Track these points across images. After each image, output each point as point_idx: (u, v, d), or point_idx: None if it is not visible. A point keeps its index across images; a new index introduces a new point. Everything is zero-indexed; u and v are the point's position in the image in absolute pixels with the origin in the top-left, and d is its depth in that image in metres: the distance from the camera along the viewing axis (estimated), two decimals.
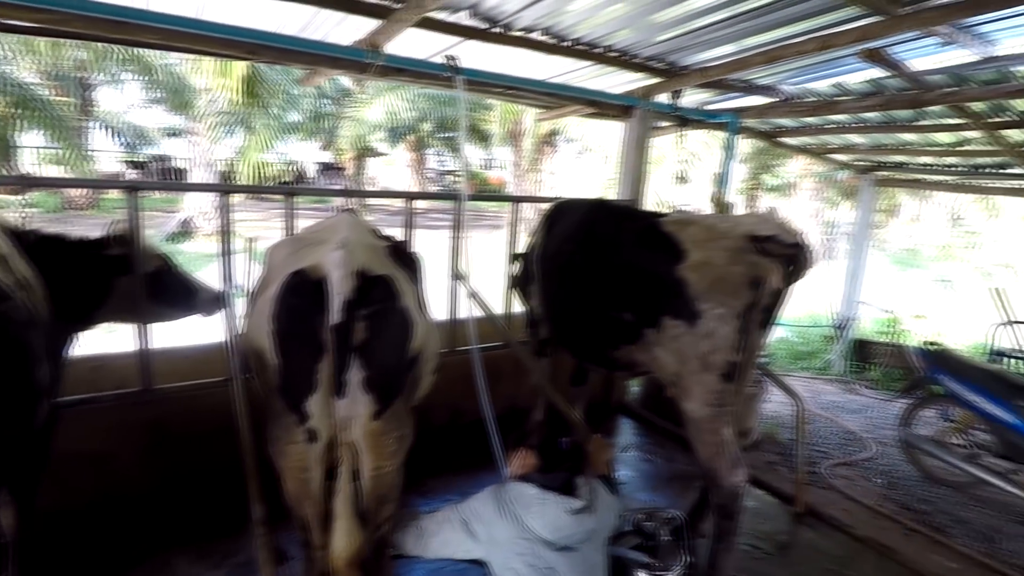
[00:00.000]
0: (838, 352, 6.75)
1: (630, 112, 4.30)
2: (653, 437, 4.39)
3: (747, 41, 3.39)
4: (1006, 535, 3.49)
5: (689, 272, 2.45)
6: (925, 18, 2.58)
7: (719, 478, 2.53)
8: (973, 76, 3.34)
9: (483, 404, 2.98)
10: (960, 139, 4.69)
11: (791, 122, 4.99)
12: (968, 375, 3.80)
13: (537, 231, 3.46)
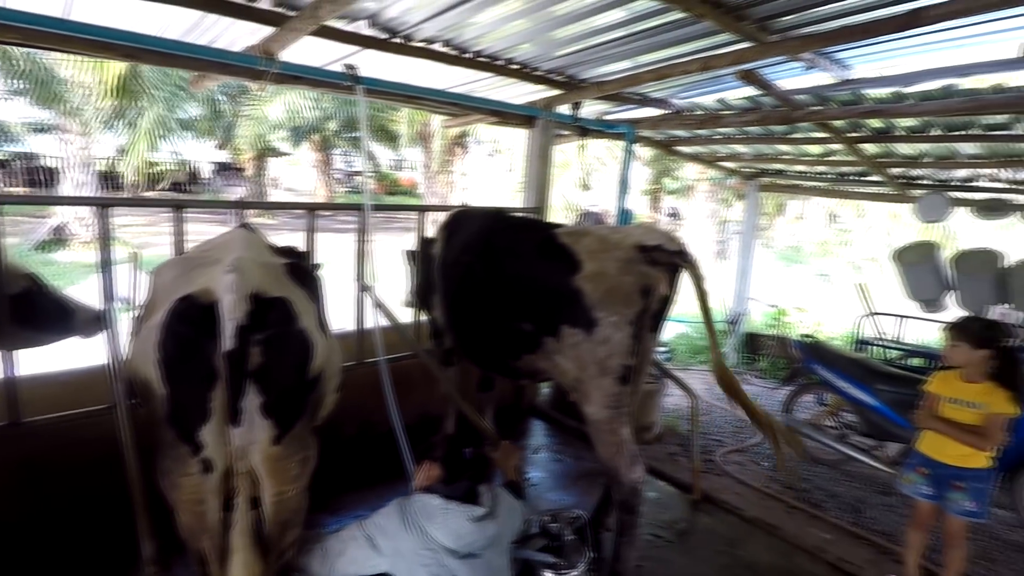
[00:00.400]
0: (731, 345, 7.25)
1: (533, 122, 4.42)
2: (563, 437, 4.54)
3: (640, 58, 3.59)
4: (870, 505, 3.91)
5: (585, 282, 2.56)
6: (790, 46, 2.86)
7: (620, 475, 2.67)
8: (834, 96, 3.72)
9: (392, 415, 2.97)
10: (827, 150, 5.19)
11: (683, 132, 5.32)
12: (836, 363, 4.22)
13: (436, 241, 3.46)
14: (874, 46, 3.13)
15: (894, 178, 5.53)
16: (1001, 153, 4.33)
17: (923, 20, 2.39)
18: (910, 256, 5.62)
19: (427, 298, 3.56)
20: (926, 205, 5.26)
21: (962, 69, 3.16)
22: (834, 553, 3.26)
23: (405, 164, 24.78)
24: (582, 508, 3.18)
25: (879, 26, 2.54)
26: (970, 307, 5.21)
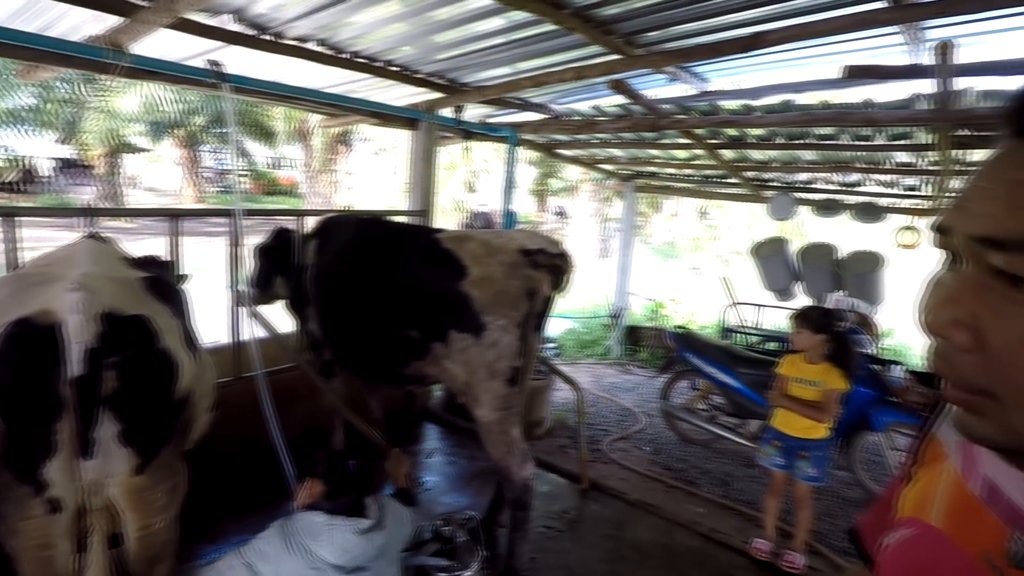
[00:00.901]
0: (615, 338, 7.65)
1: (416, 124, 4.39)
2: (456, 439, 4.56)
3: (519, 65, 3.68)
4: (737, 478, 4.31)
5: (473, 287, 2.60)
6: (653, 60, 3.07)
7: (511, 474, 2.74)
8: (695, 107, 4.04)
9: (273, 431, 2.84)
10: (692, 155, 5.64)
11: (563, 136, 5.52)
12: (705, 351, 4.61)
13: (307, 249, 3.31)
14: (726, 63, 3.44)
15: (749, 180, 6.12)
16: (832, 160, 4.93)
17: (764, 43, 2.67)
18: (764, 250, 6.24)
19: (300, 310, 3.38)
20: (776, 205, 5.87)
21: (797, 86, 3.57)
22: (707, 525, 3.56)
23: (284, 162, 23.51)
24: (477, 508, 3.24)
25: (728, 46, 2.80)
26: (813, 295, 5.89)
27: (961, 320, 0.44)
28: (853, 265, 5.68)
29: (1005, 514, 0.51)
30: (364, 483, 2.11)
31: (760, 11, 2.67)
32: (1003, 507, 0.52)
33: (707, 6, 2.64)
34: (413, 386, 3.26)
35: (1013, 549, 0.48)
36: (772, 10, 2.65)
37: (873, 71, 2.89)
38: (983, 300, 0.43)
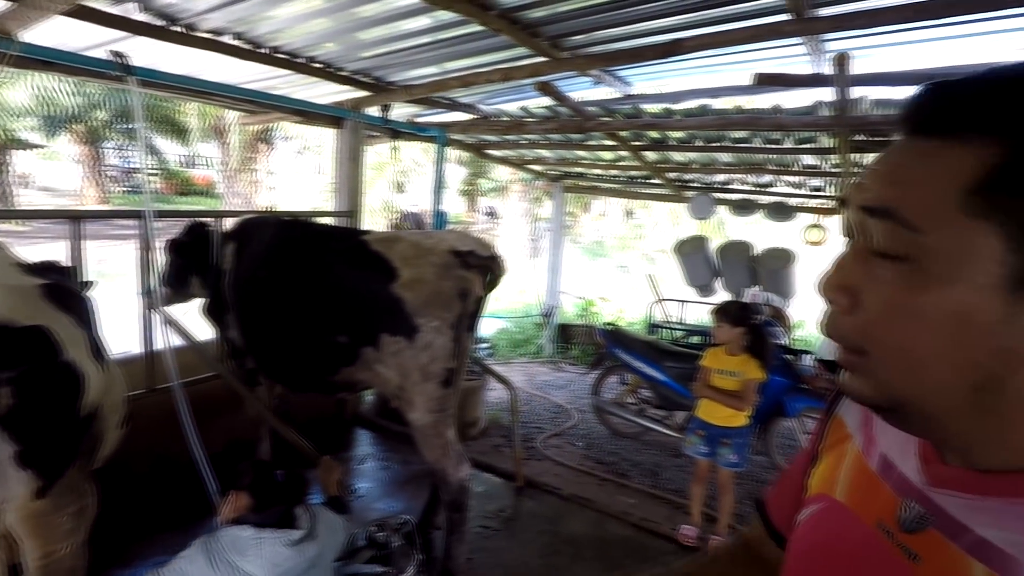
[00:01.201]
0: (547, 337, 7.76)
1: (341, 122, 4.28)
2: (390, 443, 4.48)
3: (447, 65, 3.66)
4: (665, 468, 4.48)
5: (404, 290, 2.56)
6: (578, 63, 3.14)
7: (447, 476, 2.73)
8: (619, 109, 4.17)
9: (192, 445, 2.69)
10: (617, 156, 5.80)
11: (492, 137, 5.54)
12: (633, 346, 4.76)
13: (224, 253, 3.15)
14: (648, 67, 3.56)
15: (671, 181, 6.37)
16: (746, 162, 5.21)
17: (682, 49, 2.79)
18: (686, 248, 6.52)
19: (219, 316, 3.21)
20: (696, 204, 6.15)
21: (714, 91, 3.75)
22: (638, 515, 3.68)
23: (198, 161, 22.25)
24: (412, 512, 3.20)
25: (649, 51, 2.91)
26: (732, 290, 6.21)
27: (844, 285, 0.50)
28: (767, 261, 6.03)
29: (897, 485, 0.56)
30: (294, 493, 2.04)
31: (678, 19, 2.78)
32: (895, 479, 0.56)
33: (629, 12, 2.73)
34: (344, 393, 3.17)
35: (903, 516, 0.53)
36: (689, 18, 2.77)
37: (780, 79, 3.08)
38: (863, 267, 0.49)
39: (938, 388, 0.46)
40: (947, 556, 0.48)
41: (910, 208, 0.44)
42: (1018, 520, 0.45)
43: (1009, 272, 0.41)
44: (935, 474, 0.52)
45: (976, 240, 0.42)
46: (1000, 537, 0.45)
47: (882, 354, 0.48)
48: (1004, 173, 0.41)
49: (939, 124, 0.45)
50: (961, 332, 0.43)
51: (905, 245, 0.45)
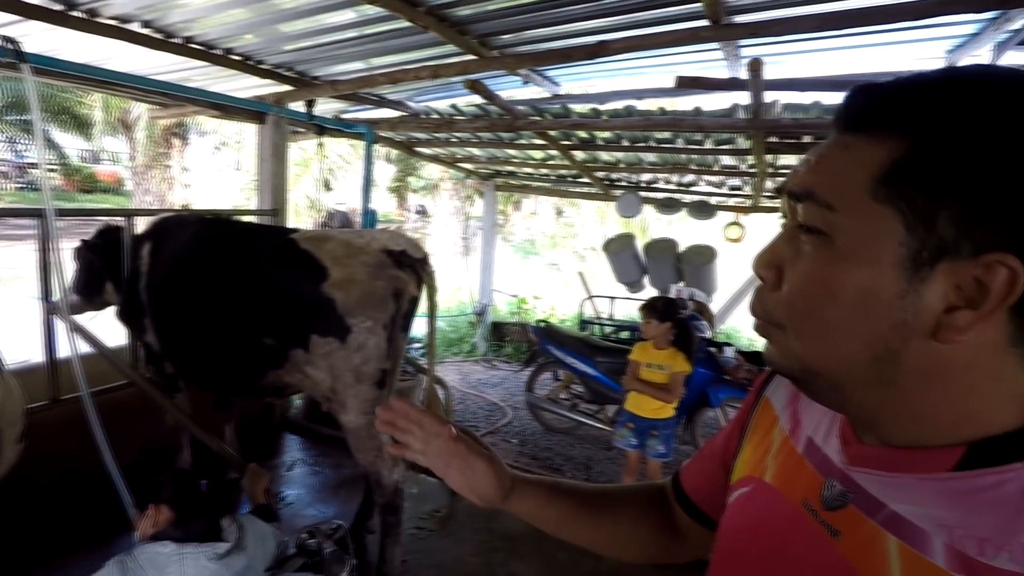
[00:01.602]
0: (480, 335, 7.77)
1: (263, 117, 4.11)
2: (321, 448, 4.35)
3: (374, 61, 3.59)
4: (597, 461, 4.59)
5: (335, 290, 2.49)
6: (507, 62, 3.16)
7: (381, 478, 2.68)
8: (548, 109, 4.22)
9: (105, 457, 2.51)
10: (547, 155, 5.88)
11: (422, 134, 5.48)
12: (565, 343, 4.84)
13: (140, 253, 2.97)
14: (576, 68, 3.64)
15: (600, 180, 6.52)
16: (670, 161, 5.42)
17: (608, 50, 2.86)
18: (614, 246, 6.70)
19: (135, 320, 3.02)
20: (623, 203, 6.32)
21: (638, 93, 3.87)
22: None
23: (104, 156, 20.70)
24: (346, 517, 3.12)
25: (576, 52, 2.96)
26: (658, 286, 6.43)
27: (772, 261, 0.54)
28: (691, 258, 6.29)
29: (820, 466, 0.60)
30: (219, 503, 1.93)
31: (604, 21, 2.85)
32: (819, 459, 0.60)
33: (556, 13, 2.77)
34: (272, 397, 3.05)
35: (826, 494, 0.57)
36: (614, 21, 2.84)
37: (699, 82, 3.22)
38: (790, 246, 0.53)
39: (845, 358, 0.50)
40: (864, 531, 0.51)
41: (827, 191, 0.49)
42: (927, 494, 0.49)
43: (908, 253, 0.45)
44: (853, 453, 0.56)
45: (881, 223, 0.46)
46: (911, 511, 0.49)
47: (798, 325, 0.52)
48: (905, 165, 0.45)
49: (861, 122, 0.50)
50: (866, 306, 0.47)
51: (821, 221, 0.49)
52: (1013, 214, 0.43)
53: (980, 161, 0.43)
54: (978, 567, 0.43)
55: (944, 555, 0.45)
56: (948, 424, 0.49)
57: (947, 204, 0.44)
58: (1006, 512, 0.44)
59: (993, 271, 0.43)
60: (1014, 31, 2.88)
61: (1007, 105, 0.44)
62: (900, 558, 0.48)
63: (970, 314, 0.45)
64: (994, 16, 2.70)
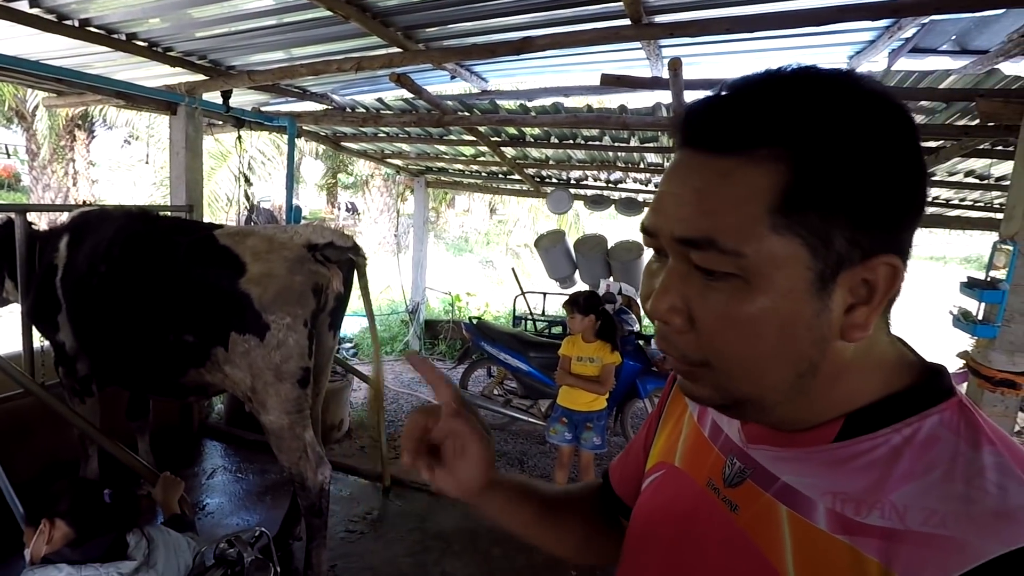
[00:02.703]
0: (413, 334, 7.66)
1: (175, 108, 3.87)
2: (244, 453, 4.17)
3: (294, 51, 3.46)
4: (531, 456, 4.63)
5: (252, 285, 2.41)
6: (433, 55, 3.12)
7: (305, 480, 2.60)
8: (476, 105, 4.20)
9: None
10: (477, 152, 5.86)
11: (348, 129, 5.33)
12: (498, 339, 4.85)
13: (55, 247, 2.80)
14: (503, 64, 3.64)
15: (531, 177, 6.57)
16: (598, 159, 5.53)
17: (533, 47, 2.88)
18: (545, 242, 6.76)
19: (47, 318, 2.84)
20: (554, 199, 6.40)
21: (565, 90, 3.92)
22: None
23: None
24: (271, 524, 3.01)
25: (502, 47, 2.96)
26: (589, 282, 6.54)
27: (676, 306, 0.51)
28: (619, 254, 6.44)
29: (723, 446, 0.62)
30: (124, 516, 1.79)
31: (529, 17, 2.87)
32: (722, 441, 0.63)
33: (480, 7, 2.76)
34: (194, 396, 2.91)
35: (727, 472, 0.59)
36: (539, 17, 2.86)
37: (623, 80, 3.29)
38: (689, 287, 0.50)
39: (774, 384, 0.51)
40: (760, 503, 0.54)
41: (727, 237, 0.47)
42: (812, 465, 0.52)
43: (815, 275, 0.46)
44: (750, 432, 0.59)
45: (788, 253, 0.46)
46: (799, 481, 0.52)
47: (723, 364, 0.51)
48: (795, 190, 0.45)
49: (726, 142, 0.47)
50: (789, 333, 0.48)
51: (732, 267, 0.47)
52: (885, 218, 0.46)
53: (856, 173, 0.45)
54: (854, 526, 0.46)
55: (826, 519, 0.48)
56: (835, 405, 0.52)
57: (838, 221, 0.45)
58: (876, 474, 0.48)
59: (877, 270, 0.46)
60: (905, 39, 3.12)
61: (866, 112, 0.45)
62: (790, 525, 0.51)
63: (865, 309, 0.47)
64: (888, 24, 2.91)
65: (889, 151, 0.46)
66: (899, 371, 0.52)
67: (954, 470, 0.45)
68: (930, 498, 0.44)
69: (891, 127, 0.46)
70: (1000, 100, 2.74)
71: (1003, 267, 2.57)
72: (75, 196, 12.36)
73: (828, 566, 0.47)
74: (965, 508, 0.43)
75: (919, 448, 0.47)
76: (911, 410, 0.49)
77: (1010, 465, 0.44)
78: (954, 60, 3.22)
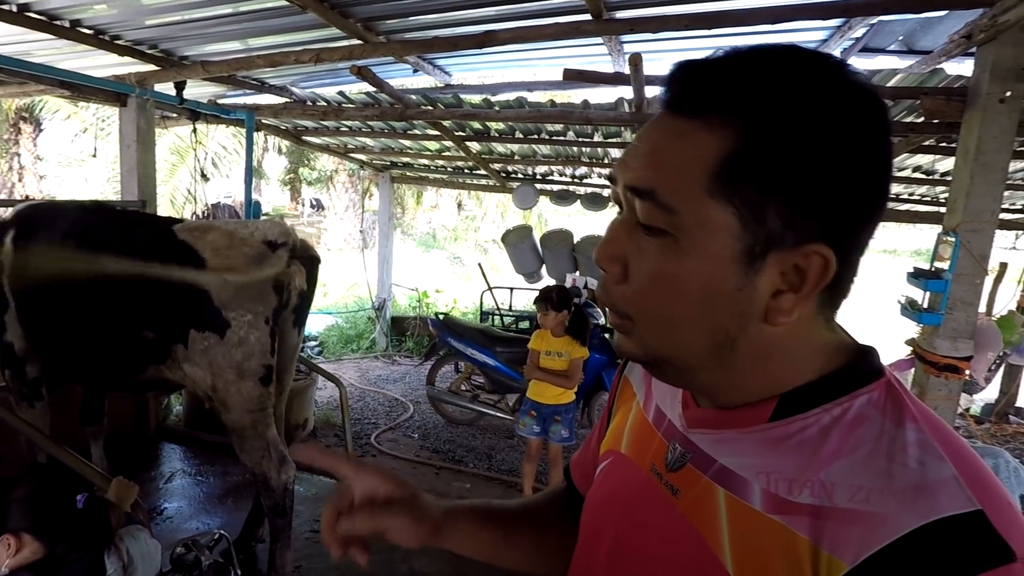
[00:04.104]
0: (380, 331, 7.58)
1: (125, 100, 3.73)
2: (205, 456, 4.06)
3: (251, 41, 3.38)
4: (499, 450, 4.64)
5: (212, 281, 2.35)
6: (394, 48, 3.08)
7: (269, 479, 2.54)
8: (440, 99, 4.17)
9: None
10: (442, 147, 5.82)
11: (309, 123, 5.24)
12: (465, 334, 4.84)
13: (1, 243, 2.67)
14: (466, 57, 3.62)
15: (496, 172, 6.56)
16: (563, 154, 5.55)
17: (495, 40, 2.87)
18: (512, 238, 6.77)
19: None
20: (520, 195, 6.41)
21: (529, 85, 3.93)
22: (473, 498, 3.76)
23: None
24: (233, 527, 2.95)
25: (463, 40, 2.95)
26: (556, 276, 6.59)
27: (616, 255, 0.53)
28: (585, 248, 6.49)
29: (666, 431, 0.63)
30: (101, 529, 1.68)
31: (491, 10, 2.86)
32: (665, 426, 0.63)
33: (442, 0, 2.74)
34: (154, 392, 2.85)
35: (669, 457, 0.60)
36: (501, 11, 2.86)
37: (586, 75, 3.31)
38: (631, 240, 0.52)
39: (690, 347, 0.52)
40: (699, 487, 0.54)
41: (666, 191, 0.48)
42: (748, 446, 0.52)
43: (743, 247, 0.47)
44: (691, 416, 0.59)
45: (718, 219, 0.47)
46: (736, 463, 0.52)
47: (645, 319, 0.52)
48: (736, 159, 0.46)
49: (693, 106, 0.48)
50: (709, 300, 0.49)
51: (664, 222, 0.49)
52: (825, 206, 0.46)
53: (800, 155, 0.45)
54: (786, 506, 0.47)
55: (761, 499, 0.49)
56: (768, 385, 0.52)
57: (775, 198, 0.46)
58: (807, 452, 0.48)
59: (810, 258, 0.47)
60: (855, 39, 3.22)
61: (820, 99, 0.46)
62: (727, 507, 0.51)
63: (792, 297, 0.48)
64: (839, 24, 3.00)
65: (842, 138, 0.45)
66: (835, 354, 0.53)
67: (879, 447, 0.46)
68: (856, 475, 0.45)
69: (852, 116, 0.46)
70: (943, 98, 2.85)
71: (947, 258, 2.68)
72: (20, 192, 11.85)
73: (763, 546, 0.48)
74: (887, 484, 0.43)
75: (847, 427, 0.48)
76: (842, 390, 0.50)
77: (931, 441, 0.45)
78: (901, 60, 3.34)
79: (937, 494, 0.42)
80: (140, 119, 3.75)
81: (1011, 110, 2.50)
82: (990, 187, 2.56)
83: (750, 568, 0.48)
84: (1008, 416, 5.78)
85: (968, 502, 0.41)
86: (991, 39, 2.47)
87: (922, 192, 5.70)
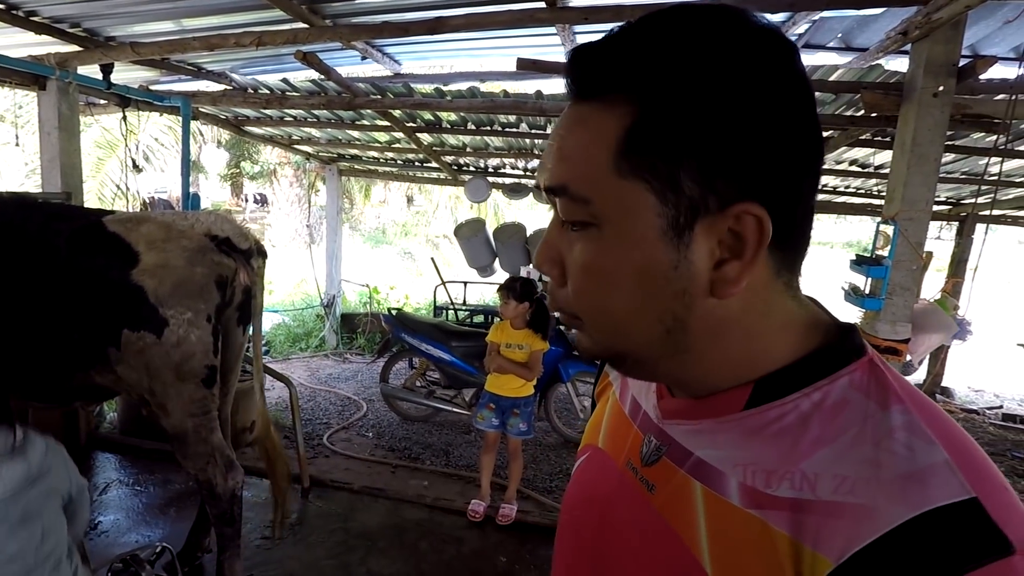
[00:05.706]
0: (329, 328, 7.38)
1: (44, 83, 3.46)
2: (142, 464, 3.84)
3: (185, 22, 3.19)
4: (456, 446, 4.58)
5: (146, 277, 2.20)
6: (341, 32, 2.96)
7: (214, 486, 2.42)
8: (390, 88, 4.06)
9: None
10: (392, 139, 5.69)
11: (251, 111, 5.01)
12: (418, 330, 4.75)
13: None
14: (417, 45, 3.53)
15: (448, 165, 6.47)
16: (516, 146, 5.52)
17: (446, 27, 2.80)
18: (465, 231, 6.71)
19: None
20: (472, 188, 6.34)
21: (481, 75, 3.87)
22: (431, 496, 3.69)
23: None
24: (176, 538, 2.80)
25: (414, 26, 2.86)
26: (509, 269, 6.56)
27: (552, 258, 0.51)
28: (538, 241, 6.50)
29: (641, 424, 0.60)
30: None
31: None
32: (641, 419, 0.60)
33: None
34: (81, 401, 2.63)
35: (644, 451, 0.57)
36: None
37: (539, 65, 3.27)
38: (562, 240, 0.50)
39: (641, 338, 0.49)
40: (675, 481, 0.51)
41: (577, 182, 0.46)
42: (724, 436, 0.49)
43: (667, 222, 0.44)
44: (665, 408, 0.56)
45: (634, 198, 0.44)
46: (712, 455, 0.49)
47: (590, 317, 0.50)
48: (635, 133, 0.44)
49: (588, 88, 0.47)
50: (646, 284, 0.46)
51: (583, 214, 0.47)
52: (743, 163, 0.43)
53: (704, 115, 0.42)
54: (765, 499, 0.44)
55: (738, 493, 0.46)
56: (736, 368, 0.49)
57: (685, 164, 0.43)
58: (786, 442, 0.45)
59: (742, 220, 0.44)
60: (798, 35, 3.31)
61: (714, 53, 0.43)
62: (704, 503, 0.48)
63: (737, 264, 0.45)
64: (783, 20, 3.07)
65: (744, 90, 0.42)
66: (810, 332, 0.49)
67: (864, 433, 0.43)
68: (840, 464, 0.42)
69: (753, 65, 0.43)
70: (881, 92, 2.96)
71: (886, 245, 2.80)
72: None
73: (741, 543, 0.44)
74: (874, 472, 0.40)
75: (829, 412, 0.45)
76: (821, 373, 0.47)
77: (919, 423, 0.42)
78: (840, 56, 3.46)
79: (928, 482, 0.39)
80: (62, 104, 3.48)
81: (943, 104, 2.62)
82: (925, 177, 2.67)
83: (729, 567, 0.45)
84: (935, 395, 6.15)
85: (962, 489, 0.38)
86: (925, 36, 2.57)
87: (857, 185, 5.96)
